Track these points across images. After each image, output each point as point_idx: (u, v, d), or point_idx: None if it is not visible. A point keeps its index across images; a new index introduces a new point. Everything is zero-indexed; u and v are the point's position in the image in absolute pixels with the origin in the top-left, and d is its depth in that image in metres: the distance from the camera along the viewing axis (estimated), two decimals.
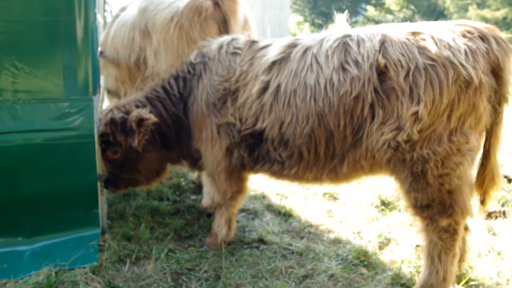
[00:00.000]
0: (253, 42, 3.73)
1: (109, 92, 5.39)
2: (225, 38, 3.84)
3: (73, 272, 3.49)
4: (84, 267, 3.54)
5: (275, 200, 5.08)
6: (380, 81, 2.99)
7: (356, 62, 3.06)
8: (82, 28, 3.71)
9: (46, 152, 3.78)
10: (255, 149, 3.57)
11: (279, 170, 3.53)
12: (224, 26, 4.06)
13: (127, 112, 3.71)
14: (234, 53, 3.68)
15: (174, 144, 3.96)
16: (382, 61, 2.95)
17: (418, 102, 2.88)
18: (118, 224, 4.33)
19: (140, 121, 3.58)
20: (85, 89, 3.85)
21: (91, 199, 3.93)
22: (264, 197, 5.17)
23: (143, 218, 4.43)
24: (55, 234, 3.95)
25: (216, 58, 3.72)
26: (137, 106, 3.80)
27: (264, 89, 3.42)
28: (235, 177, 3.85)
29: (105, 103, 5.80)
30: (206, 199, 4.69)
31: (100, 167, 3.91)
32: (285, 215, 4.70)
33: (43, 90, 3.75)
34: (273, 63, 3.43)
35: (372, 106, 3.03)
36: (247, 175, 3.97)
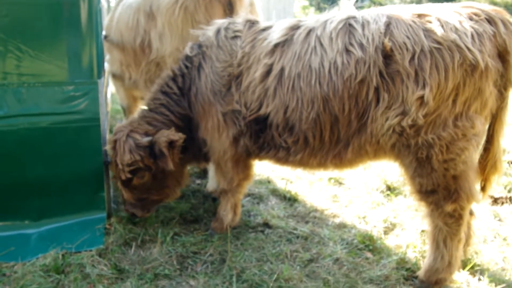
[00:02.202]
0: (253, 23, 3.63)
1: (114, 76, 5.36)
2: (221, 23, 3.71)
3: (79, 255, 3.52)
4: (91, 250, 3.57)
5: (280, 184, 5.08)
6: (386, 64, 2.94)
7: (361, 45, 3.00)
8: (86, 10, 3.68)
9: (51, 136, 3.78)
10: (260, 136, 3.50)
11: (285, 156, 3.49)
12: (229, 9, 4.01)
13: (146, 133, 3.62)
14: (235, 37, 3.56)
15: (188, 143, 3.76)
16: (388, 43, 2.91)
17: (424, 86, 2.85)
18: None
19: (170, 143, 3.52)
20: (89, 72, 3.83)
21: (97, 183, 3.94)
22: (269, 181, 5.16)
23: None
24: (61, 217, 3.97)
25: (214, 45, 3.60)
26: (149, 123, 3.72)
27: (267, 72, 3.33)
28: (242, 164, 3.81)
29: (109, 88, 5.79)
30: (211, 183, 4.69)
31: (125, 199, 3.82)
32: (290, 200, 4.70)
33: (48, 73, 3.73)
34: (276, 45, 3.33)
35: (377, 90, 2.99)
36: (253, 161, 3.93)
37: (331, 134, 3.21)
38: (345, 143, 3.23)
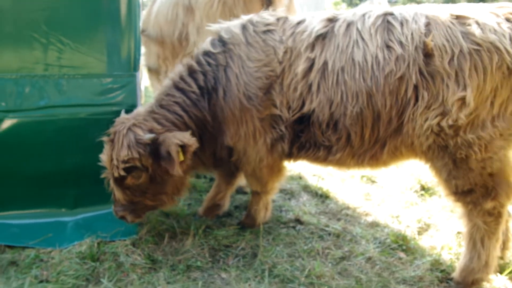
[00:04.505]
0: (286, 17, 3.44)
1: (150, 70, 5.43)
2: (245, 19, 3.48)
3: (114, 244, 3.58)
4: (125, 240, 3.63)
5: (312, 181, 5.06)
6: (426, 63, 2.91)
7: (400, 42, 2.97)
8: (126, 3, 3.74)
9: (89, 126, 3.85)
10: (301, 136, 3.37)
11: (324, 155, 3.38)
12: (267, 4, 3.99)
13: (151, 131, 3.24)
14: (267, 31, 3.35)
15: (198, 149, 3.37)
16: (430, 43, 2.87)
17: (465, 87, 2.81)
18: None
19: (183, 148, 3.15)
20: (127, 65, 3.90)
21: None
22: (300, 177, 5.15)
23: None
24: (96, 206, 4.05)
25: (243, 42, 3.35)
26: (157, 120, 3.33)
27: (310, 67, 3.19)
28: (277, 169, 3.71)
29: (143, 81, 5.87)
30: (242, 178, 4.70)
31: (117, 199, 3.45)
32: (322, 197, 4.68)
33: (87, 65, 3.81)
34: (317, 37, 3.20)
35: (416, 87, 2.96)
36: (287, 162, 3.81)
37: (372, 132, 3.15)
38: (382, 143, 3.19)
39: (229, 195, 4.25)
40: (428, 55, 2.90)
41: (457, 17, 2.92)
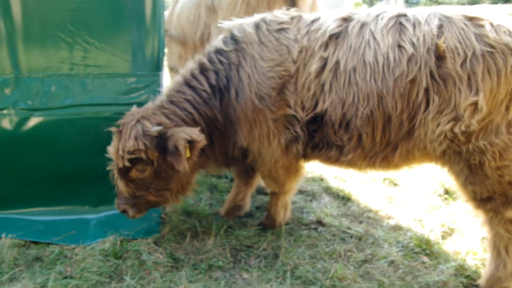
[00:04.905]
0: (300, 16, 3.36)
1: (172, 70, 5.47)
2: (258, 17, 3.42)
3: (136, 242, 3.61)
4: (147, 238, 3.65)
5: (333, 183, 5.02)
6: (437, 66, 2.84)
7: (412, 44, 2.90)
8: (151, 4, 3.77)
9: (113, 125, 3.89)
10: (314, 136, 3.33)
11: (336, 155, 3.34)
12: (291, 5, 3.97)
13: (159, 124, 3.20)
14: (281, 29, 3.27)
15: (206, 148, 3.38)
16: (442, 45, 2.80)
17: (477, 92, 2.74)
18: None
19: (191, 143, 3.10)
20: (151, 65, 3.92)
21: None
22: (322, 179, 5.12)
23: (203, 194, 4.52)
24: None
25: (256, 41, 3.29)
26: (166, 115, 3.29)
27: (323, 66, 3.14)
28: (293, 169, 3.67)
29: (166, 81, 5.91)
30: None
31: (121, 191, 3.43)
32: (344, 199, 4.65)
33: (112, 65, 3.85)
34: (331, 37, 3.14)
35: (427, 91, 2.89)
36: (303, 163, 3.77)
37: (383, 134, 3.10)
38: (394, 146, 3.13)
39: (250, 196, 4.24)
40: (440, 57, 2.84)
41: (471, 19, 2.85)
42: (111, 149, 3.29)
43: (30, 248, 3.58)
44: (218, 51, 3.41)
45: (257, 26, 3.34)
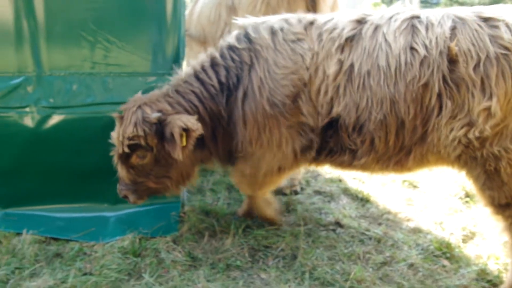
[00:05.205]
0: (313, 22, 3.26)
1: None
2: (273, 22, 3.32)
3: (155, 240, 3.63)
4: (165, 237, 3.67)
5: (352, 184, 4.98)
6: (450, 70, 2.77)
7: (425, 47, 2.83)
8: (172, 3, 3.78)
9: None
10: (330, 141, 3.24)
11: (349, 160, 3.26)
12: (312, 5, 3.96)
13: (160, 111, 3.17)
14: (297, 40, 3.19)
15: (209, 142, 3.41)
16: (454, 47, 2.73)
17: (491, 96, 2.68)
18: (196, 198, 4.44)
19: (186, 131, 3.05)
20: (172, 64, 3.92)
21: None
22: (340, 180, 5.07)
23: (221, 194, 4.53)
24: None
25: (271, 47, 3.21)
26: (170, 104, 3.25)
27: (339, 69, 3.06)
28: (284, 177, 3.67)
29: None
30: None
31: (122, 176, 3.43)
32: (362, 200, 4.60)
33: (132, 64, 3.87)
34: (346, 39, 3.06)
35: (439, 96, 2.82)
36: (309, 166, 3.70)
37: (396, 138, 3.03)
38: (408, 150, 3.06)
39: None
40: (452, 61, 2.76)
41: (486, 19, 2.77)
42: (113, 135, 3.29)
43: (50, 244, 3.63)
44: (231, 48, 3.35)
45: (273, 33, 3.26)
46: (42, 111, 3.81)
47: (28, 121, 3.82)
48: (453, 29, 2.80)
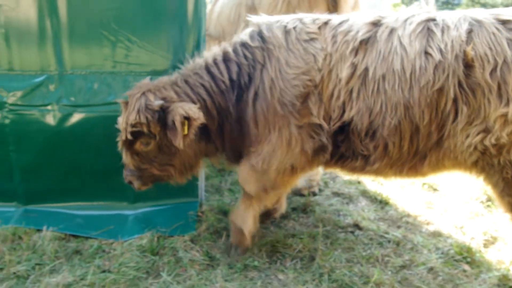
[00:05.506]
0: (327, 22, 3.18)
1: None
2: (287, 21, 3.25)
3: (173, 239, 3.65)
4: (183, 236, 3.68)
5: (371, 186, 4.94)
6: (466, 74, 2.70)
7: (440, 51, 2.75)
8: (193, 3, 3.78)
9: None
10: (341, 146, 3.15)
11: (362, 165, 3.17)
12: (333, 5, 3.93)
13: (165, 99, 3.14)
14: (310, 40, 3.11)
15: (215, 137, 3.39)
16: (470, 52, 2.66)
17: (508, 102, 2.61)
18: (214, 197, 4.46)
19: (187, 119, 3.02)
20: None
21: None
22: (359, 182, 5.03)
23: (238, 194, 4.52)
24: (156, 201, 4.15)
25: (283, 46, 3.15)
26: (176, 93, 3.22)
27: (353, 73, 2.98)
28: (297, 178, 3.48)
29: None
30: (300, 180, 4.66)
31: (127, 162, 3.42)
32: (381, 202, 4.56)
33: (153, 63, 3.88)
34: (360, 42, 2.97)
35: (455, 101, 2.75)
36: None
37: (410, 144, 2.96)
38: (422, 156, 2.99)
39: (285, 197, 4.20)
40: (468, 65, 2.69)
41: (504, 22, 2.69)
42: (119, 120, 3.27)
43: (70, 241, 3.67)
44: (244, 45, 3.29)
45: (287, 32, 3.19)
46: (63, 109, 3.85)
47: (50, 119, 3.87)
48: (470, 32, 2.72)
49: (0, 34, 3.72)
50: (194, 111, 3.02)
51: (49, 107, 3.85)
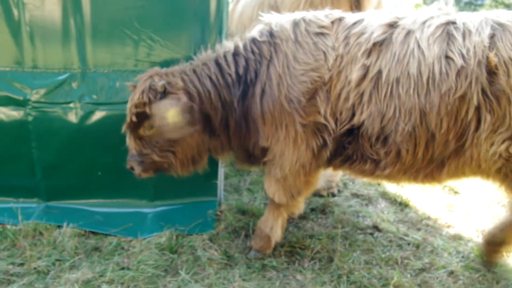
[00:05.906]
0: (341, 19, 3.09)
1: None
2: (297, 14, 3.20)
3: (191, 237, 3.66)
4: (202, 234, 3.69)
5: (390, 188, 4.89)
6: (489, 81, 2.62)
7: (462, 56, 2.66)
8: (215, 2, 3.80)
9: None
10: (347, 148, 3.10)
11: (372, 169, 3.10)
12: (356, 5, 3.89)
13: (170, 83, 3.17)
14: (320, 34, 3.02)
15: (219, 131, 3.35)
16: (494, 59, 2.58)
17: None
18: (233, 197, 4.46)
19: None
20: None
21: (211, 170, 4.02)
22: (378, 183, 4.99)
23: (257, 193, 4.52)
24: (175, 200, 4.18)
25: (291, 39, 3.07)
26: (183, 80, 3.23)
27: (364, 75, 2.89)
28: (314, 178, 3.40)
29: None
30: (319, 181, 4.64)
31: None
32: (401, 204, 4.51)
33: (175, 62, 3.89)
34: (375, 44, 2.88)
35: (478, 109, 2.68)
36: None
37: (425, 151, 2.87)
38: (440, 163, 2.91)
39: None
40: (491, 72, 2.61)
41: None
42: (128, 104, 3.31)
43: (89, 238, 3.71)
44: (252, 40, 3.27)
45: (295, 24, 3.13)
46: (85, 107, 3.90)
47: (72, 117, 3.92)
48: (492, 37, 2.65)
49: (25, 32, 3.77)
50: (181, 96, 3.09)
51: (71, 105, 3.89)
